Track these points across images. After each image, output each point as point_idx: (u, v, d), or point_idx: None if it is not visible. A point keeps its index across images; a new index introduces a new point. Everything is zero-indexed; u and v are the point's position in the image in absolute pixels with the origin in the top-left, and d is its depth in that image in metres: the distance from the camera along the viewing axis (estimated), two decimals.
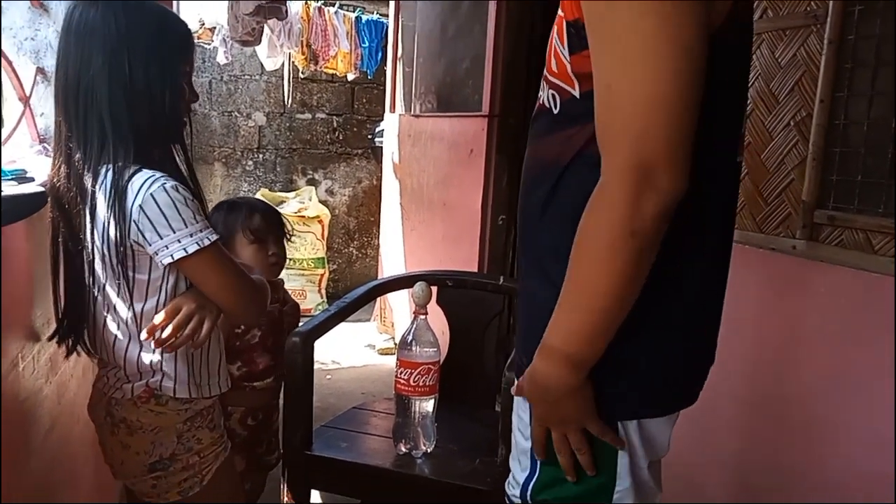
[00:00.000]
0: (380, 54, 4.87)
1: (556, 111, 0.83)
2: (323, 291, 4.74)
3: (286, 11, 3.56)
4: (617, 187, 0.71)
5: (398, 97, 4.06)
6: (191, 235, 1.04)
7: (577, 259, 0.76)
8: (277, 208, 5.21)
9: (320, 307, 4.51)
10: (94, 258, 1.08)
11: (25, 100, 1.60)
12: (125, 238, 1.04)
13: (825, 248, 1.50)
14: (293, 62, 4.66)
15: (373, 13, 4.99)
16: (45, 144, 1.60)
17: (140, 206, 1.02)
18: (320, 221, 4.72)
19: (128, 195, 1.03)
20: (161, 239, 1.03)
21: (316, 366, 1.68)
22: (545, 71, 0.86)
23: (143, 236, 1.04)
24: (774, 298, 1.62)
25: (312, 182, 5.11)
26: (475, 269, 2.87)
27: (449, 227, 3.27)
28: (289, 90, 4.81)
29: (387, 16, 4.59)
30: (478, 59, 3.00)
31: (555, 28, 0.83)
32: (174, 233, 1.03)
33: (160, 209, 1.02)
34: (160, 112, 1.10)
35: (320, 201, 4.94)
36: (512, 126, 2.95)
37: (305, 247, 4.67)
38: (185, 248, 1.03)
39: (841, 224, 1.46)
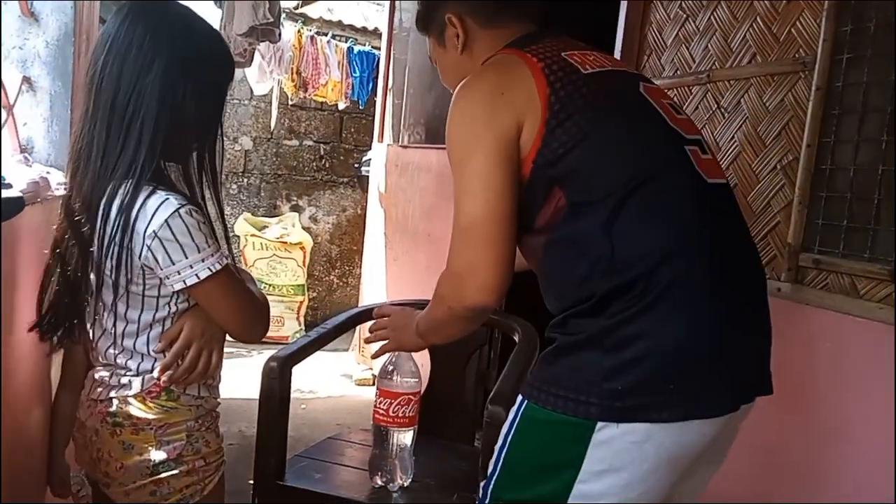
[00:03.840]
0: (370, 85, 4.89)
1: None
2: (301, 319, 4.67)
3: (279, 35, 3.57)
4: (447, 278, 1.03)
5: (387, 127, 4.07)
6: (202, 261, 1.04)
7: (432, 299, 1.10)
8: (260, 233, 5.05)
9: (297, 335, 4.44)
10: (101, 269, 1.06)
11: (9, 108, 1.57)
12: (135, 258, 1.03)
13: (810, 291, 1.50)
14: (282, 88, 4.67)
15: (365, 45, 5.03)
16: (26, 154, 1.57)
17: (154, 231, 1.01)
18: (302, 248, 4.68)
19: (139, 218, 1.01)
20: (173, 265, 1.03)
21: (291, 394, 1.64)
22: None
23: (156, 260, 1.03)
24: None
25: (296, 208, 5.08)
26: None
27: (432, 259, 3.25)
28: (276, 116, 4.81)
29: (378, 48, 4.64)
30: None
31: None
32: (186, 258, 1.03)
33: (174, 236, 1.02)
34: (206, 133, 1.11)
35: (303, 228, 4.91)
36: None
37: (286, 273, 4.63)
38: (196, 275, 1.04)
39: (826, 268, 1.46)
